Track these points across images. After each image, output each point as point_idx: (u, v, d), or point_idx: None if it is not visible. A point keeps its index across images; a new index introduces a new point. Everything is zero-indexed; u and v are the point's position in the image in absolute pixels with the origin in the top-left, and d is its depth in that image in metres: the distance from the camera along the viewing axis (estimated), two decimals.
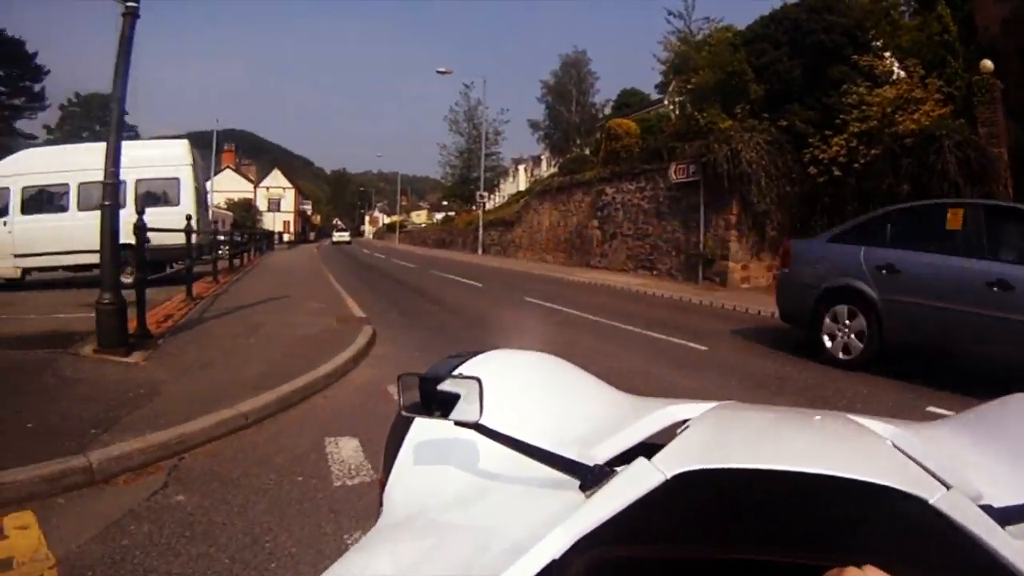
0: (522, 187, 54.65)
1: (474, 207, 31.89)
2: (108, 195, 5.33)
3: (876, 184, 11.05)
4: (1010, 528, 0.82)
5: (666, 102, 29.28)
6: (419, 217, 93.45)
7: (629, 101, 33.29)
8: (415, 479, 1.09)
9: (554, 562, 0.70)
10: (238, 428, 3.87)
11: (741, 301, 10.79)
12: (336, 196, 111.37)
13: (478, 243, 27.17)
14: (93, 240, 5.78)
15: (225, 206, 47.25)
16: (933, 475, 0.91)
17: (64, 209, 11.30)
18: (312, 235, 71.58)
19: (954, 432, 1.33)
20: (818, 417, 1.31)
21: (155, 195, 11.47)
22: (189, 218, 9.42)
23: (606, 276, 15.50)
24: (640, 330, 8.03)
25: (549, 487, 0.95)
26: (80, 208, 10.96)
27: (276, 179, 62.89)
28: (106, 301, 5.30)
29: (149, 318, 6.53)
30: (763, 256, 13.28)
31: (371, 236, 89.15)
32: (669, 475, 0.82)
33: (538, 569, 0.69)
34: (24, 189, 11.29)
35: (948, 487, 0.84)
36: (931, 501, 0.79)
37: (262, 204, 56.18)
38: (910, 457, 0.98)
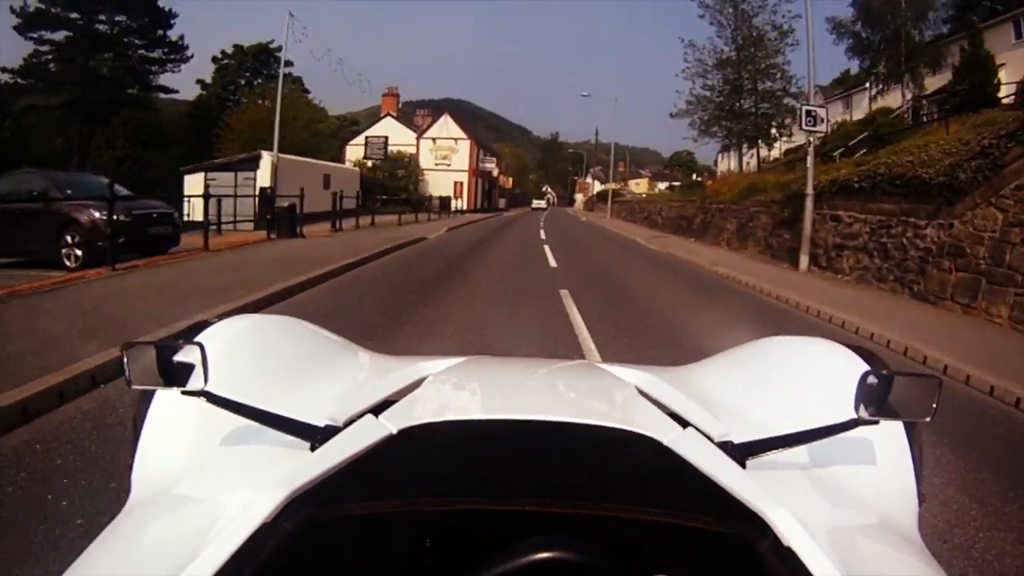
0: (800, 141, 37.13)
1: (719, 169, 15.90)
2: None
3: None
4: (752, 461, 0.87)
5: None
6: (639, 187, 78.93)
7: None
8: (158, 456, 1.02)
9: (266, 524, 0.69)
10: None
11: None
12: (548, 163, 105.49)
13: (802, 240, 10.78)
14: None
15: (369, 163, 36.66)
16: (675, 416, 0.96)
17: None
18: (502, 202, 57.96)
19: (706, 374, 1.39)
20: (563, 366, 1.39)
21: None
22: None
23: None
24: None
25: (285, 450, 0.94)
26: None
27: (446, 127, 44.23)
28: None
29: None
30: None
31: (580, 205, 79.06)
32: (395, 430, 0.82)
33: (250, 531, 0.67)
34: None
35: (685, 426, 0.88)
36: (664, 441, 0.81)
37: (427, 160, 43.71)
38: (653, 400, 1.02)
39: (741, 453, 0.87)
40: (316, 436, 0.90)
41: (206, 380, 0.91)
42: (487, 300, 7.49)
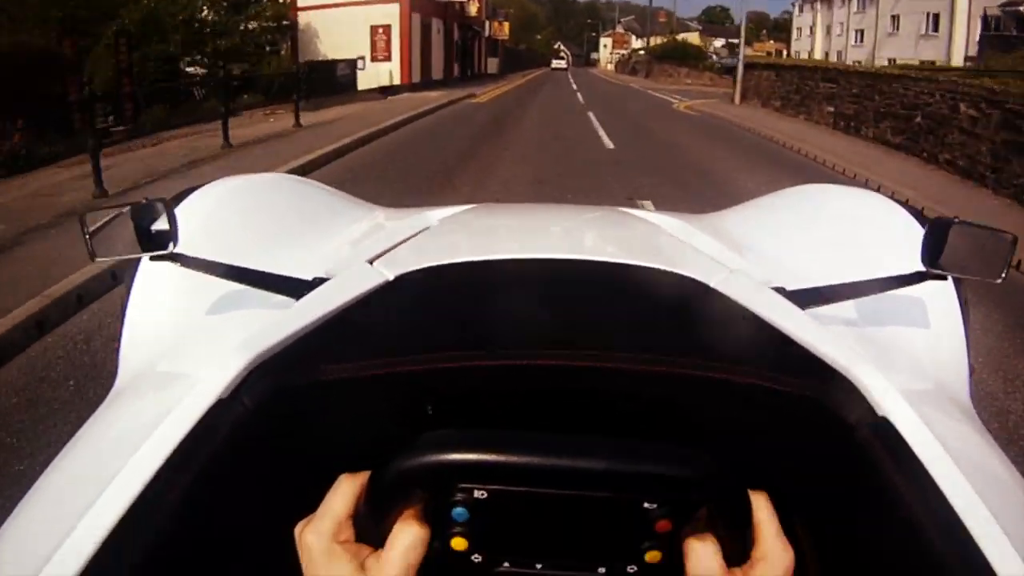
0: None
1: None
2: None
3: None
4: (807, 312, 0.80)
5: None
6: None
7: None
8: (143, 334, 0.94)
9: (222, 400, 0.61)
10: None
11: None
12: (558, 19, 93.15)
13: None
14: None
15: None
16: (715, 261, 0.86)
17: None
18: (494, 64, 35.02)
19: (740, 221, 1.25)
20: (587, 210, 1.21)
21: None
22: None
23: None
24: None
25: (272, 311, 0.83)
26: None
27: None
28: None
29: None
30: None
31: (609, 65, 63.70)
32: (392, 276, 0.74)
33: (202, 411, 0.59)
34: None
35: (731, 270, 0.79)
36: (711, 283, 0.73)
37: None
38: (691, 245, 0.93)
39: (796, 302, 0.73)
40: (304, 292, 0.78)
41: (175, 242, 0.82)
42: None
